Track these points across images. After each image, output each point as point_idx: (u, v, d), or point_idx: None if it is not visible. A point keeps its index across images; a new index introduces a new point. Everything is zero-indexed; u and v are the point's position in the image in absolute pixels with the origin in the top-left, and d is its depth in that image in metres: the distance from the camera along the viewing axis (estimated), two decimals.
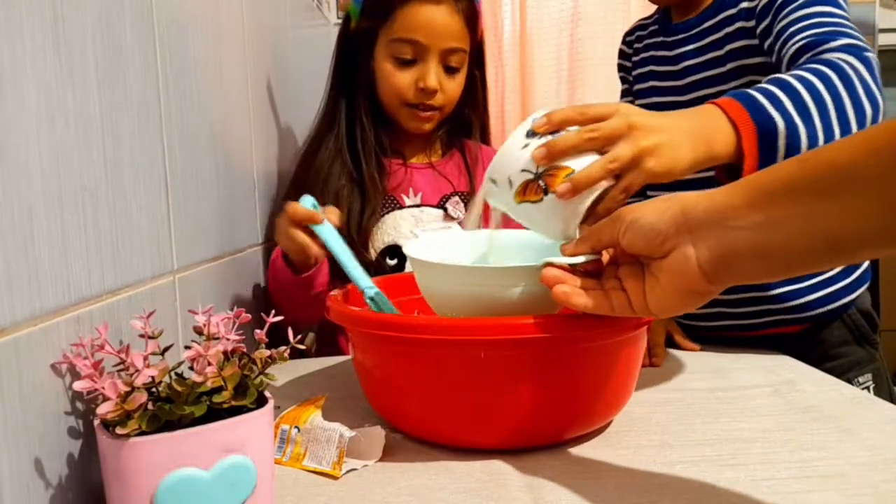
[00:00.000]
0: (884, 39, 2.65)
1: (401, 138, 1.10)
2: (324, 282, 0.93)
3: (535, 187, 0.58)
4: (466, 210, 1.06)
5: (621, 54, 1.14)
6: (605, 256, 0.57)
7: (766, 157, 0.64)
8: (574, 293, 0.55)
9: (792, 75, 0.68)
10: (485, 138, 1.16)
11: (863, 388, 0.91)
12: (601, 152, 0.59)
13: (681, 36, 0.99)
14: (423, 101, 1.03)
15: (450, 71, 1.03)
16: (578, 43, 2.12)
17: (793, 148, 0.64)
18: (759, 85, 0.68)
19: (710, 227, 0.47)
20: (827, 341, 0.93)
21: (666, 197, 0.51)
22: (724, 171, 0.67)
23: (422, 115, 1.04)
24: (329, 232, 0.80)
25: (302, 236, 0.82)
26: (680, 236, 0.48)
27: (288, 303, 0.93)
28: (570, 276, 0.56)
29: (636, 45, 1.09)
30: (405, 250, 0.69)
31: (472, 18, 1.02)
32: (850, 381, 0.88)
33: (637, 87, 1.06)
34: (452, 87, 1.04)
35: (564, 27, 2.13)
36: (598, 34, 2.10)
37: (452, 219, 1.06)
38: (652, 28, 1.07)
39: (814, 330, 0.93)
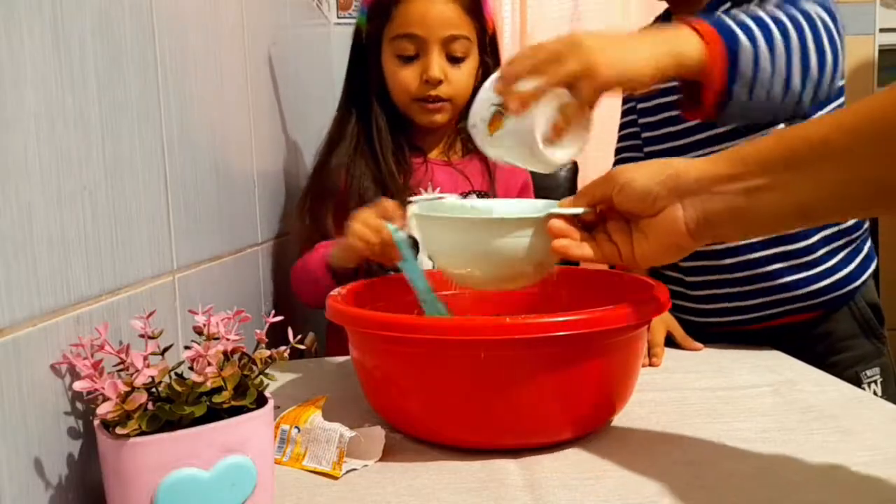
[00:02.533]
0: (883, 39, 2.65)
1: (419, 135, 1.10)
2: None
3: (499, 116, 0.64)
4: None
5: None
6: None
7: (732, 71, 0.66)
8: (571, 245, 0.59)
9: (764, 11, 0.69)
10: None
11: (870, 382, 0.90)
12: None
13: None
14: (429, 94, 1.03)
15: (454, 61, 1.03)
16: None
17: (757, 70, 0.67)
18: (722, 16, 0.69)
19: (698, 192, 0.53)
20: (835, 334, 0.92)
21: (659, 161, 0.56)
22: (688, 93, 0.70)
23: (430, 107, 1.04)
24: (404, 238, 0.79)
25: (380, 222, 0.82)
26: (670, 198, 0.54)
27: (313, 293, 0.95)
28: (572, 230, 0.60)
29: None
30: (410, 211, 0.71)
31: (472, 5, 1.02)
32: (857, 375, 0.88)
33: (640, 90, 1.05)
34: (458, 76, 1.03)
35: (564, 27, 2.13)
36: None
37: None
38: None
39: (822, 320, 0.93)
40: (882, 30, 2.64)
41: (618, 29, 0.65)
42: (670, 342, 0.93)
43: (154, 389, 0.48)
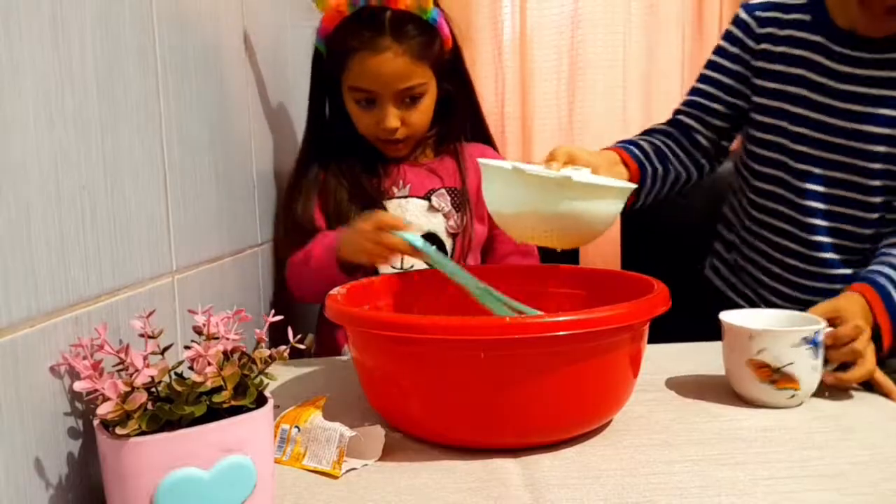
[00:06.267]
0: None
1: None
2: None
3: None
4: (451, 203, 1.09)
5: (743, 26, 1.01)
6: None
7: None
8: None
9: None
10: (480, 136, 1.17)
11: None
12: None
13: (862, 55, 0.91)
14: (388, 137, 1.05)
15: (412, 101, 1.04)
16: (578, 45, 2.12)
17: None
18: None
19: None
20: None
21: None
22: None
23: (392, 145, 1.07)
24: (419, 239, 0.82)
25: (392, 238, 0.83)
26: None
27: (315, 288, 0.95)
28: None
29: (770, 29, 0.98)
30: (490, 163, 0.78)
31: (424, 50, 1.02)
32: (883, 363, 0.93)
33: (773, 85, 0.98)
34: (416, 117, 1.05)
35: (564, 29, 2.13)
36: (599, 36, 2.11)
37: (436, 209, 1.08)
38: (797, 16, 0.96)
39: None
40: None
41: None
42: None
43: (154, 389, 0.48)
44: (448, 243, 1.07)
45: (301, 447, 0.61)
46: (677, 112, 1.08)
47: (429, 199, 1.09)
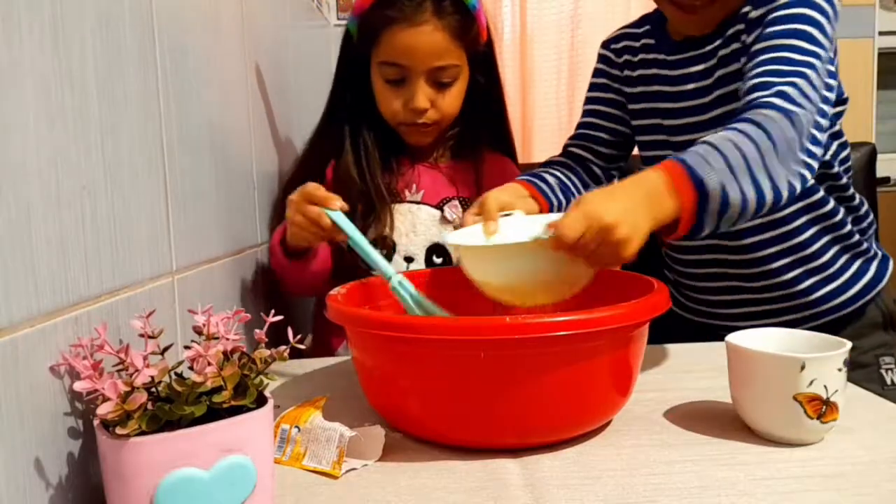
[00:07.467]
0: (883, 42, 2.65)
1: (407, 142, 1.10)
2: (321, 268, 0.98)
3: None
4: (464, 213, 1.07)
5: (605, 59, 1.10)
6: None
7: (701, 216, 0.72)
8: None
9: (724, 137, 0.74)
10: (504, 146, 1.15)
11: (888, 369, 0.98)
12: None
13: (691, 53, 0.97)
14: (415, 120, 1.03)
15: (442, 86, 1.02)
16: (578, 44, 2.13)
17: (724, 206, 0.72)
18: (696, 150, 0.74)
19: None
20: (862, 321, 1.00)
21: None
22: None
23: (418, 130, 1.05)
24: (343, 218, 0.82)
25: (316, 210, 0.83)
26: None
27: (285, 278, 1.01)
28: None
29: (626, 57, 1.06)
30: (451, 239, 0.78)
31: (462, 31, 1.00)
32: (877, 358, 0.97)
33: (635, 105, 1.06)
34: (446, 102, 1.03)
35: (564, 29, 2.13)
36: (598, 35, 2.11)
37: (448, 221, 1.06)
38: (645, 41, 1.04)
39: (848, 317, 1.00)
40: (881, 33, 2.64)
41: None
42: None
43: (154, 389, 0.48)
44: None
45: (301, 447, 0.61)
46: (568, 146, 1.12)
47: (441, 210, 1.07)
